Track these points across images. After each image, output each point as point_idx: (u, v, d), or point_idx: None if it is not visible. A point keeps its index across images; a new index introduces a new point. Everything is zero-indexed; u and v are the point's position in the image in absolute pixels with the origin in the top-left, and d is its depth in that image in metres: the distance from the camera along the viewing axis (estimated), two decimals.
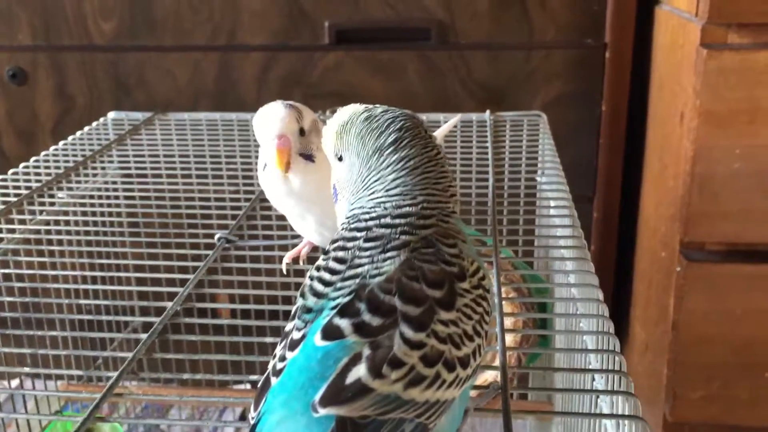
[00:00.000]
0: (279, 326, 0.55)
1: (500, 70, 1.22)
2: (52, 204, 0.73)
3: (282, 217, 0.73)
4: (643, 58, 1.21)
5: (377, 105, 0.46)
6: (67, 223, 0.72)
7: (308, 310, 0.40)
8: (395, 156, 0.43)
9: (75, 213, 0.73)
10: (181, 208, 0.71)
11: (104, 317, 0.58)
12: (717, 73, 0.94)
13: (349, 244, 0.42)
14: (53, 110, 1.27)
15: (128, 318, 0.67)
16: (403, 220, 0.42)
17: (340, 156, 0.45)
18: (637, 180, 1.25)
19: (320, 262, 0.43)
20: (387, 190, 0.43)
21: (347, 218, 0.44)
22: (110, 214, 0.74)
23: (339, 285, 0.40)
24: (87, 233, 0.71)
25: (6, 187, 0.73)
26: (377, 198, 0.43)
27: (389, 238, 0.41)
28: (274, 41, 1.22)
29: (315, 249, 0.62)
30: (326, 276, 0.41)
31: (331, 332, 0.37)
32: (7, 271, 0.63)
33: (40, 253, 0.69)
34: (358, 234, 0.42)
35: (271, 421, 0.37)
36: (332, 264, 0.41)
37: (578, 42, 1.20)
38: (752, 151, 0.97)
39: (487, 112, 0.91)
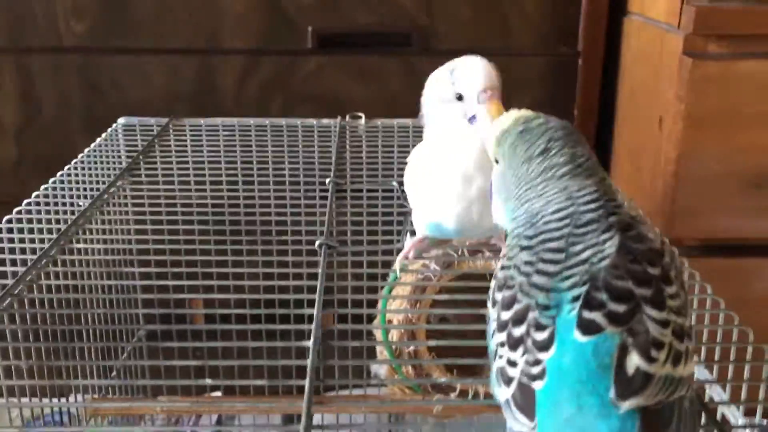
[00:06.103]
0: None
1: None
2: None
3: (359, 223, 0.72)
4: (613, 66, 1.27)
5: (538, 115, 0.49)
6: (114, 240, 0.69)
7: (545, 307, 0.40)
8: (545, 164, 0.45)
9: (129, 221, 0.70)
10: (256, 216, 0.70)
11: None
12: (701, 80, 1.02)
13: (532, 242, 0.43)
14: (17, 116, 1.19)
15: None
16: (594, 205, 0.43)
17: (497, 160, 0.49)
18: None
19: (526, 257, 0.43)
20: (555, 192, 0.45)
21: (515, 219, 0.46)
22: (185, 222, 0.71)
23: (566, 274, 0.41)
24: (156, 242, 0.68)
25: (56, 196, 0.69)
26: (546, 198, 0.45)
27: (598, 220, 0.43)
28: (256, 45, 1.20)
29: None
30: (548, 268, 0.41)
31: (589, 326, 0.39)
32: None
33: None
34: (560, 224, 0.43)
35: (558, 418, 0.38)
36: (548, 255, 0.42)
37: (553, 50, 1.25)
38: (731, 154, 1.05)
39: None
